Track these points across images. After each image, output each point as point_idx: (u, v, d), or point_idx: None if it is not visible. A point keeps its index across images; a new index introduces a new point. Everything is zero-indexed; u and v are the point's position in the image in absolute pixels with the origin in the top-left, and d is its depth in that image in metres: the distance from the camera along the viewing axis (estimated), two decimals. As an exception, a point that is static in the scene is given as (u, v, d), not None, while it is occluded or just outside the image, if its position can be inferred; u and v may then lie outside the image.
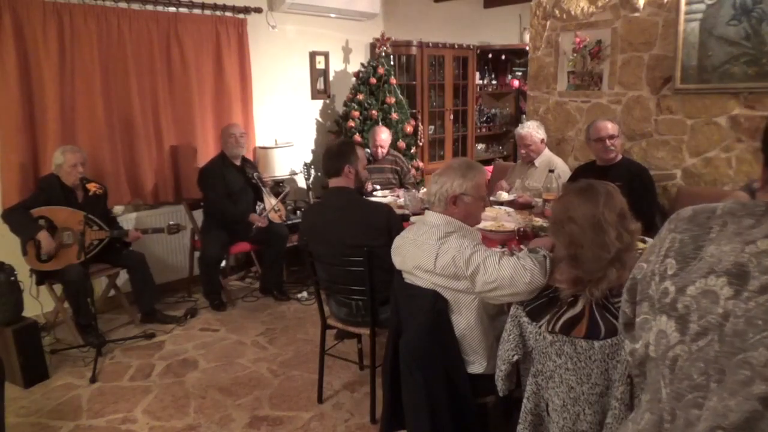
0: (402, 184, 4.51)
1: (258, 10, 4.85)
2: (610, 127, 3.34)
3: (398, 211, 2.95)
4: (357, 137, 5.12)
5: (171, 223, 3.90)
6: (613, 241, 1.62)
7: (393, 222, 2.64)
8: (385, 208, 2.79)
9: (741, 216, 0.92)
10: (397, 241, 2.17)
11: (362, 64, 5.42)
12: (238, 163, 4.28)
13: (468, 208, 2.07)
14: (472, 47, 6.61)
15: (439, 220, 2.06)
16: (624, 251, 1.62)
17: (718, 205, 0.96)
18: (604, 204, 1.63)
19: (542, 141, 3.81)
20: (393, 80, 5.35)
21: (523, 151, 3.91)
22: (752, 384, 0.82)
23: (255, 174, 4.29)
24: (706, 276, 0.90)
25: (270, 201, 4.34)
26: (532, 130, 3.81)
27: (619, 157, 3.42)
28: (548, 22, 4.18)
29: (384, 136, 4.53)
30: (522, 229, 2.77)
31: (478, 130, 7.15)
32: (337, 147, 2.85)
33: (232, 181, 4.19)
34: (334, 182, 2.80)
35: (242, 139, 4.26)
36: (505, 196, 3.63)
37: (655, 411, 0.97)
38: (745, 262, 0.87)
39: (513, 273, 1.81)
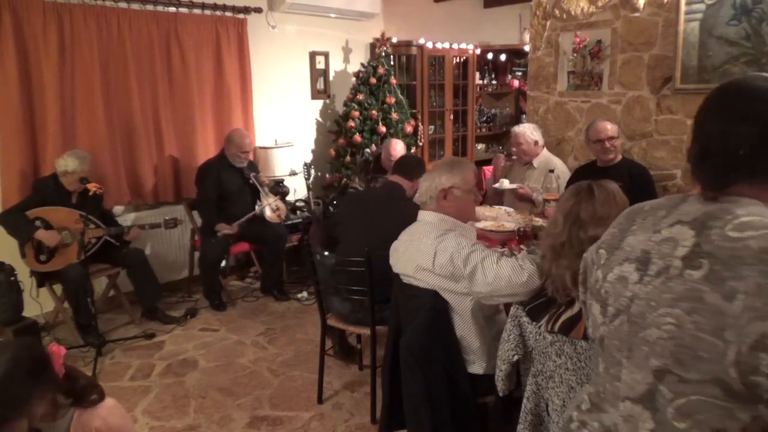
0: None
1: (258, 10, 4.85)
2: (609, 129, 3.35)
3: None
4: (357, 137, 5.12)
5: (167, 217, 3.90)
6: (560, 230, 1.69)
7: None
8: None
9: (658, 209, 1.00)
10: (394, 245, 2.17)
11: (362, 64, 5.42)
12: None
13: (459, 203, 2.09)
14: (472, 47, 6.61)
15: (433, 218, 2.07)
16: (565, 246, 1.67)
17: (654, 200, 1.05)
18: (575, 201, 1.69)
19: (536, 143, 3.79)
20: (393, 80, 5.35)
21: (513, 149, 3.91)
22: (649, 359, 0.93)
23: (252, 174, 4.29)
24: (621, 263, 1.00)
25: (267, 200, 4.33)
26: (526, 129, 3.81)
27: (619, 157, 3.42)
28: (548, 22, 4.18)
29: (399, 148, 4.48)
30: (522, 229, 2.77)
31: (478, 130, 7.14)
32: (420, 161, 3.13)
33: (229, 181, 4.19)
34: (396, 179, 2.94)
35: (244, 155, 4.21)
36: (506, 183, 3.62)
37: (596, 383, 1.09)
38: (650, 249, 0.96)
39: (511, 273, 1.82)
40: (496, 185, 3.66)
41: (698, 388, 0.86)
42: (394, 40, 5.66)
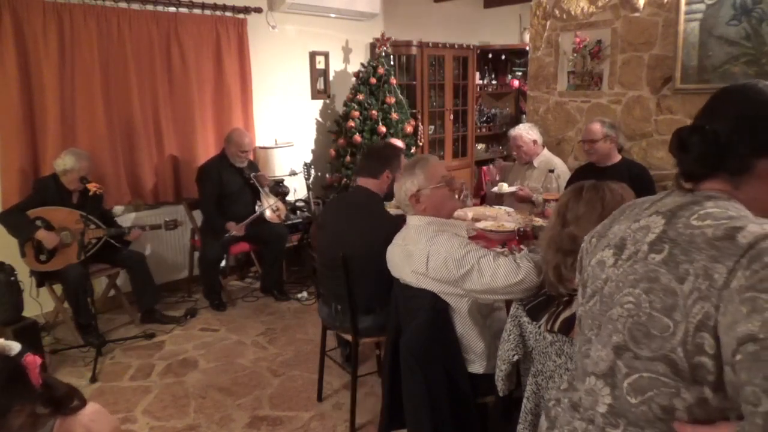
0: None
1: (258, 10, 4.85)
2: (593, 131, 3.36)
3: (395, 212, 2.94)
4: (357, 137, 5.12)
5: (167, 219, 3.90)
6: (549, 229, 1.71)
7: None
8: (392, 225, 2.70)
9: (645, 201, 1.07)
10: (390, 249, 2.16)
11: (362, 64, 5.41)
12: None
13: (432, 200, 2.05)
14: (472, 47, 6.61)
15: (421, 222, 2.05)
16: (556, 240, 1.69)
17: (647, 196, 1.12)
18: (566, 200, 1.71)
19: (535, 142, 3.80)
20: (393, 80, 5.34)
21: (514, 153, 3.94)
22: (612, 336, 0.99)
23: (252, 174, 4.29)
24: (603, 249, 1.07)
25: (268, 201, 4.34)
26: (522, 131, 3.82)
27: (618, 158, 3.42)
28: (548, 22, 4.18)
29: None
30: (522, 229, 2.77)
31: (478, 130, 7.15)
32: (382, 148, 2.72)
33: (230, 181, 4.19)
34: (363, 182, 2.69)
35: (244, 154, 4.20)
36: (505, 187, 3.63)
37: (573, 363, 1.15)
38: (626, 236, 1.03)
39: (507, 271, 1.82)
40: (495, 189, 3.67)
41: (649, 365, 0.91)
42: (394, 39, 5.65)
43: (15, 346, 1.22)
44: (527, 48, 4.61)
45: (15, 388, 1.15)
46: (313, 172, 4.87)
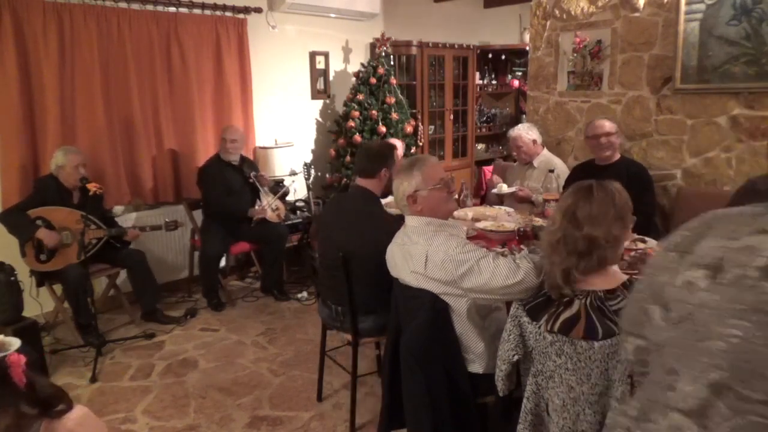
0: None
1: (258, 10, 4.85)
2: (607, 126, 3.36)
3: (393, 211, 2.93)
4: (357, 137, 5.12)
5: (168, 219, 3.90)
6: (557, 227, 1.69)
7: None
8: (392, 225, 2.70)
9: (741, 215, 0.94)
10: (389, 248, 2.16)
11: (362, 64, 5.42)
12: (235, 162, 4.28)
13: (429, 202, 2.04)
14: (472, 47, 6.61)
15: (418, 222, 2.05)
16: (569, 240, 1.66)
17: (739, 207, 0.99)
18: (573, 200, 1.69)
19: (534, 142, 3.80)
20: (393, 80, 5.34)
21: (514, 153, 3.94)
22: (708, 372, 0.87)
23: (252, 173, 4.29)
24: (690, 268, 0.93)
25: (267, 200, 4.34)
26: (522, 131, 3.82)
27: (618, 156, 3.42)
28: (548, 22, 4.18)
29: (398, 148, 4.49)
30: (522, 229, 2.77)
31: (478, 130, 7.15)
32: (377, 147, 2.77)
33: (230, 179, 4.19)
34: (362, 182, 2.70)
35: (232, 145, 4.19)
36: (505, 188, 3.64)
37: (647, 390, 1.02)
38: (724, 255, 0.89)
39: (507, 272, 1.81)
40: (495, 190, 3.68)
41: (760, 408, 0.81)
42: (394, 39, 5.65)
43: (15, 342, 1.22)
44: (527, 48, 4.62)
45: None
46: (313, 172, 4.86)
